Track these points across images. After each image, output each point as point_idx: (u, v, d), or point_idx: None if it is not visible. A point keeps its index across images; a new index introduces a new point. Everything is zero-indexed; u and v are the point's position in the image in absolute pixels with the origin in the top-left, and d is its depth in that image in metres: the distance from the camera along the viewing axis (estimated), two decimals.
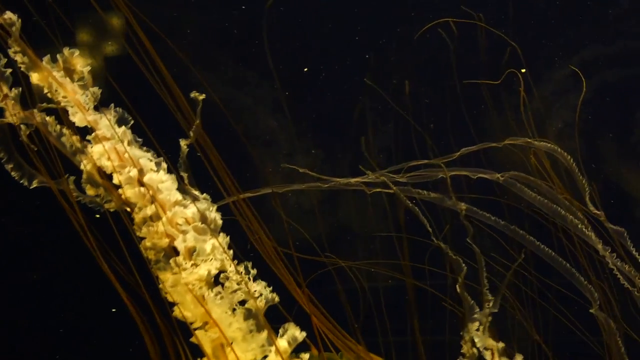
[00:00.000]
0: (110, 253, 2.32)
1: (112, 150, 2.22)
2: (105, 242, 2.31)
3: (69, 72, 2.32)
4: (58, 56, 2.29)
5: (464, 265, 2.68)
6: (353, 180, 2.72)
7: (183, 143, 2.41)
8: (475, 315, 2.61)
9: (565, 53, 3.26)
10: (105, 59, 3.26)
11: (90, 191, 2.28)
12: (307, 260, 2.87)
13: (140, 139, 2.33)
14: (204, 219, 2.25)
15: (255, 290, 2.25)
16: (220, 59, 3.35)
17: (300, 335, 2.29)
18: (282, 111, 3.38)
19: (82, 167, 2.26)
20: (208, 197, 2.41)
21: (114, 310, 3.20)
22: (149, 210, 2.20)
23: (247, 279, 2.24)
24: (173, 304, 2.23)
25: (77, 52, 2.34)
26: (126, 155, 2.24)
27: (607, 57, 3.22)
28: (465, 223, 2.57)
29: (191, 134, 2.41)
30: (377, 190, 2.74)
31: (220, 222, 2.27)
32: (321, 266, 2.95)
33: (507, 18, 3.26)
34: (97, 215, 2.33)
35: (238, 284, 2.23)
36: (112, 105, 2.29)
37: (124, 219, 2.27)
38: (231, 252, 2.28)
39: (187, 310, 2.19)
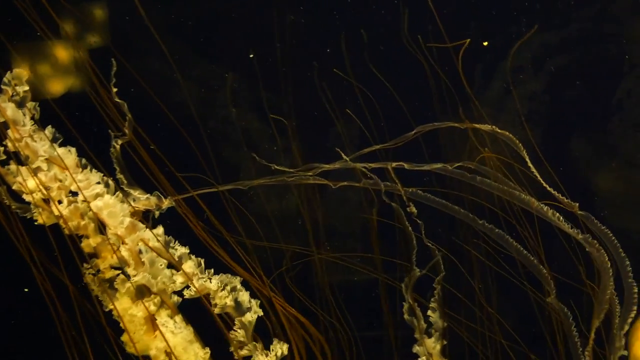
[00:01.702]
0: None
1: (53, 180, 2.20)
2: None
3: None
4: (2, 85, 2.27)
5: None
6: (310, 173, 2.69)
7: (117, 143, 2.34)
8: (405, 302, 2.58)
9: (519, 41, 3.18)
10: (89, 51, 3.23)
11: (39, 219, 2.26)
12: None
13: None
14: (166, 247, 2.25)
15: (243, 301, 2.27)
16: (192, 57, 3.31)
17: (283, 347, 2.31)
18: (259, 110, 3.36)
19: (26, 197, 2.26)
20: (154, 197, 2.38)
21: (26, 290, 3.18)
22: (93, 241, 2.20)
23: (229, 291, 2.26)
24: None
25: (21, 71, 2.31)
26: (73, 185, 2.22)
27: (561, 44, 3.15)
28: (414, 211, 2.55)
29: (126, 130, 2.34)
30: (345, 183, 2.72)
31: (185, 250, 2.27)
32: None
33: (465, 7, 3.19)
34: (36, 222, 2.33)
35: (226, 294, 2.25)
36: (49, 126, 2.26)
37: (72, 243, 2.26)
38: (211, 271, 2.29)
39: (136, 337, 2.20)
